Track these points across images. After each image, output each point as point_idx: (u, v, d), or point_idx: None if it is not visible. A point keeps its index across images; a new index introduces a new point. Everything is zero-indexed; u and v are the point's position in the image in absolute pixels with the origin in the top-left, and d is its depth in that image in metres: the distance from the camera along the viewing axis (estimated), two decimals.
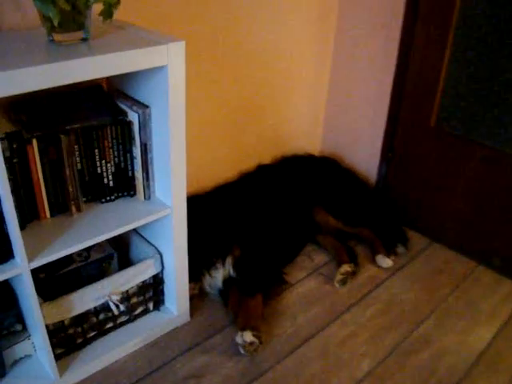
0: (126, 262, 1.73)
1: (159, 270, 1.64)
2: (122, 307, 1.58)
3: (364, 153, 2.35)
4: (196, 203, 1.98)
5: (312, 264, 2.05)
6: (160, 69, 1.29)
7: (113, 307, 1.55)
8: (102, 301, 1.54)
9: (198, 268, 1.81)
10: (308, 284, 1.94)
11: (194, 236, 1.81)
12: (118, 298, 1.55)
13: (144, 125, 1.40)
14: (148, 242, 1.67)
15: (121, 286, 1.56)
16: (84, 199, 1.48)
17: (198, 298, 1.83)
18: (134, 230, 1.72)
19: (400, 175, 2.25)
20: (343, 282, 1.92)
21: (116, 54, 1.17)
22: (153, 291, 1.69)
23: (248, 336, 1.59)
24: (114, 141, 1.42)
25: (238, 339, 1.60)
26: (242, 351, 1.60)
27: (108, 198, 1.50)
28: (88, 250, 1.65)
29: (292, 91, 2.25)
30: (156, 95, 1.35)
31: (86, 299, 1.50)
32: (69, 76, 1.12)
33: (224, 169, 2.16)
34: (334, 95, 2.37)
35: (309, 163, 2.32)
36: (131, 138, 1.43)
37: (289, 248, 2.06)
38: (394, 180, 2.28)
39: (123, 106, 1.43)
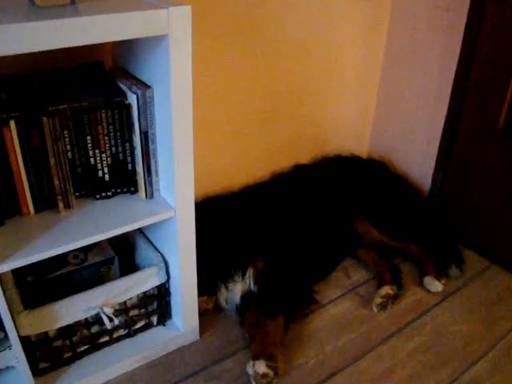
0: (131, 267, 1.52)
1: (163, 280, 1.41)
2: (116, 321, 1.36)
3: (418, 157, 2.05)
4: (219, 204, 1.76)
5: (348, 282, 1.77)
6: (161, 40, 1.06)
7: (105, 320, 1.34)
8: (93, 312, 1.32)
9: (213, 279, 1.57)
10: (341, 306, 1.67)
11: (212, 242, 1.58)
12: (112, 310, 1.34)
13: (144, 109, 1.17)
14: (154, 246, 1.45)
15: (116, 296, 1.34)
16: (77, 194, 1.28)
17: (211, 313, 1.60)
18: (141, 232, 1.50)
19: (458, 185, 1.93)
20: (383, 307, 1.63)
21: (103, 16, 0.95)
22: (157, 304, 1.47)
23: (261, 366, 1.34)
24: (111, 127, 1.20)
25: (249, 369, 1.36)
26: (254, 383, 1.36)
27: (103, 194, 1.29)
28: (86, 251, 1.44)
29: (337, 82, 1.98)
30: (158, 73, 1.13)
31: (73, 309, 1.29)
32: (45, 40, 0.91)
33: (255, 168, 1.92)
34: (387, 89, 2.08)
35: (353, 166, 2.04)
36: (131, 125, 1.21)
37: (323, 262, 1.79)
38: (451, 190, 1.97)
39: (123, 87, 1.21)
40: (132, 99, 1.17)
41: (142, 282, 1.37)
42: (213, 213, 1.70)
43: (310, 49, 1.81)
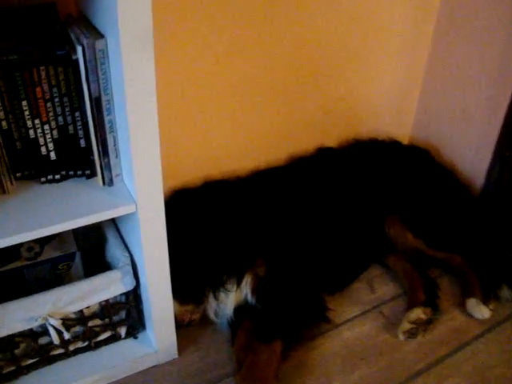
0: (101, 265, 1.24)
1: (130, 287, 1.13)
2: (67, 335, 1.09)
3: (471, 145, 1.67)
4: (218, 191, 1.46)
5: (372, 297, 1.44)
6: None
7: (52, 334, 1.07)
8: (35, 324, 1.05)
9: (200, 286, 1.28)
10: (360, 328, 1.34)
11: (203, 238, 1.29)
12: (59, 322, 1.06)
13: (94, 66, 0.87)
14: (124, 243, 1.17)
15: (67, 304, 1.06)
16: (18, 175, 0.99)
17: (198, 326, 1.31)
18: (113, 223, 1.22)
19: None
20: (411, 334, 1.30)
21: None
22: (126, 313, 1.19)
23: None
24: (54, 90, 0.90)
25: None
26: None
27: (50, 178, 1.00)
28: (42, 243, 1.17)
29: (377, 49, 1.61)
30: (111, 18, 0.81)
31: (9, 319, 1.03)
32: None
33: (269, 148, 1.59)
34: (437, 61, 1.70)
35: (390, 153, 1.67)
36: (81, 88, 0.91)
37: (342, 269, 1.46)
38: (510, 188, 1.59)
39: (74, 37, 0.90)
40: (78, 53, 0.86)
41: (103, 288, 1.09)
42: (209, 201, 1.40)
43: (344, 5, 1.45)
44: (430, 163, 1.69)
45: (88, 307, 1.11)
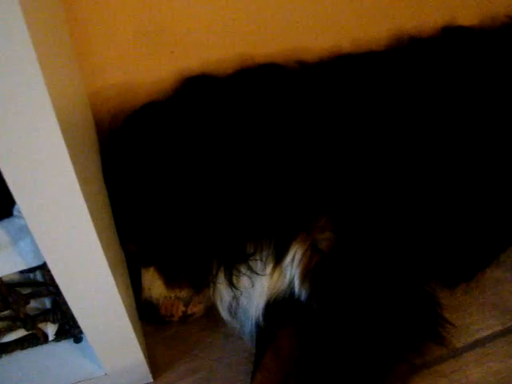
0: None
1: (36, 260, 0.53)
2: None
3: None
4: (257, 85, 0.82)
5: None
6: None
7: None
8: None
9: (203, 256, 0.67)
10: (498, 362, 0.71)
11: (217, 166, 0.69)
12: None
13: None
14: None
15: None
16: None
17: (200, 326, 0.72)
18: None
19: None
20: None
21: None
22: (52, 302, 0.61)
23: None
24: None
25: None
26: None
27: None
28: None
29: None
30: None
31: None
32: None
33: (359, 19, 0.92)
34: None
35: None
36: None
37: (470, 244, 0.80)
38: None
39: None
40: None
41: None
42: (242, 101, 0.77)
43: None
44: None
45: None
